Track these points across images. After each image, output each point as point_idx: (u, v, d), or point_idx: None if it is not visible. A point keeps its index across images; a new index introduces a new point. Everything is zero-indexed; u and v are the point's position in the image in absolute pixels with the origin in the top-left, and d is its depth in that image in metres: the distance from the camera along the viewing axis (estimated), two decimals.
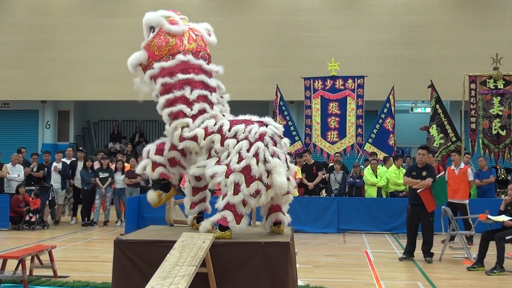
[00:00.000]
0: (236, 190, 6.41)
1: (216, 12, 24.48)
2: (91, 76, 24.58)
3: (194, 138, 6.81)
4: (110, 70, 24.23)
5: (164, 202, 7.35)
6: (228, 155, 6.57)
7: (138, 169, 7.32)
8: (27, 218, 15.80)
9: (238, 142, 6.60)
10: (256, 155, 6.47)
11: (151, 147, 7.11)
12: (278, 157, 6.57)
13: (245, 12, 24.45)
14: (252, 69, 24.10)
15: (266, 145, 6.55)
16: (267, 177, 6.44)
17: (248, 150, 6.49)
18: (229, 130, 6.70)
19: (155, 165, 7.01)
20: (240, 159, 6.47)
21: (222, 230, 6.48)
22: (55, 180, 17.08)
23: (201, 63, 7.13)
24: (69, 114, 27.31)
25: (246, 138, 6.59)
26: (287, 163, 6.76)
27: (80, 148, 19.18)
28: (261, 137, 6.58)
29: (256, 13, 24.42)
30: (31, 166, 17.35)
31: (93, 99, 25.62)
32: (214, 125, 6.83)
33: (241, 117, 6.99)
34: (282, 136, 6.90)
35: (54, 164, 17.19)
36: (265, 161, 6.46)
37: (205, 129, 6.82)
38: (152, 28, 7.11)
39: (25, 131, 26.66)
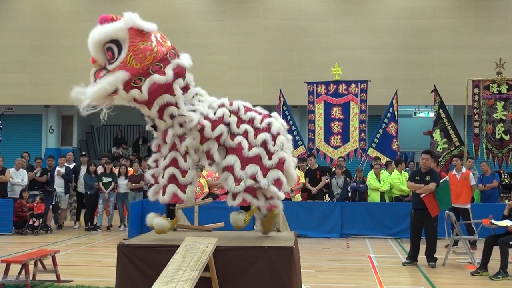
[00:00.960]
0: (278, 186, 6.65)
1: (219, 16, 24.54)
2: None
3: (220, 120, 6.62)
4: None
5: (168, 231, 6.86)
6: (248, 146, 6.60)
7: (150, 196, 6.76)
8: (30, 222, 15.81)
9: (255, 131, 6.66)
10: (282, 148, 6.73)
11: (174, 172, 6.52)
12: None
13: (248, 16, 24.49)
14: (255, 73, 24.12)
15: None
16: None
17: (274, 144, 6.66)
18: (245, 113, 6.77)
19: (165, 186, 6.56)
20: (270, 154, 6.63)
21: (246, 210, 6.82)
22: (59, 185, 17.08)
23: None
24: (72, 119, 27.38)
25: (266, 130, 6.70)
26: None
27: (83, 153, 19.15)
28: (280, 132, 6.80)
29: (259, 18, 24.45)
30: (34, 171, 17.37)
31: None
32: (230, 105, 6.79)
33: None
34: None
35: (58, 168, 17.22)
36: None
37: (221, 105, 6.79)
38: (114, 42, 6.15)
39: (28, 135, 26.72)
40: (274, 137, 6.66)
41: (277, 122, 6.82)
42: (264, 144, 6.61)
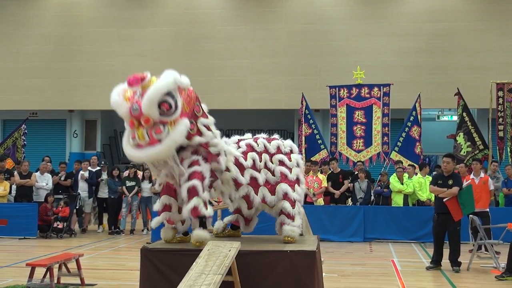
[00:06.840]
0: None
1: (241, 21, 24.59)
2: (117, 86, 24.81)
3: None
4: None
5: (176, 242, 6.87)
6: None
7: (185, 213, 6.36)
8: (54, 225, 15.94)
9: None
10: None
11: (196, 184, 6.25)
12: None
13: (270, 21, 24.52)
14: (277, 78, 24.13)
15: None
16: None
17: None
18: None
19: (205, 203, 6.35)
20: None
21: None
22: (82, 189, 17.23)
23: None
24: (96, 123, 27.59)
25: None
26: None
27: (103, 162, 18.98)
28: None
29: (281, 22, 24.47)
30: (59, 175, 17.53)
31: None
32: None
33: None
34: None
35: (81, 172, 17.36)
36: None
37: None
38: (168, 94, 6.12)
39: (52, 140, 27.00)
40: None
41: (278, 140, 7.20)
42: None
